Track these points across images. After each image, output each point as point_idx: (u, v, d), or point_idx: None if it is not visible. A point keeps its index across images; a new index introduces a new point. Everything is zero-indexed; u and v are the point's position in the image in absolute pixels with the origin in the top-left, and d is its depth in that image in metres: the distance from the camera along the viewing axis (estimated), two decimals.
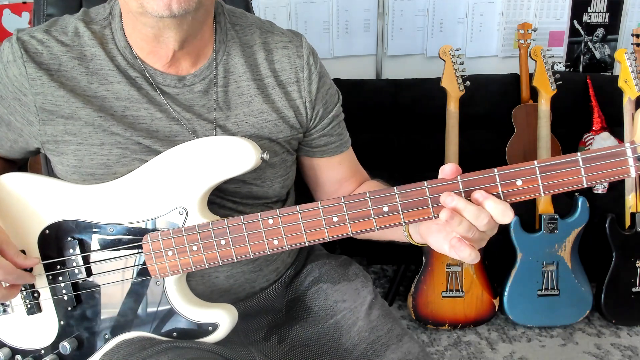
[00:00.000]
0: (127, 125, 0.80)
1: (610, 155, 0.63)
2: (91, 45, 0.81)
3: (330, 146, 0.92)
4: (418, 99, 2.41)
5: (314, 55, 0.89)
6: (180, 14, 0.71)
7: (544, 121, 2.01)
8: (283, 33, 0.89)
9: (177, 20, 0.73)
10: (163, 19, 0.72)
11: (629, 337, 1.99)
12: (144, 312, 0.80)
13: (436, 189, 0.68)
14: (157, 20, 0.73)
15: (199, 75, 0.83)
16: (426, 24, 2.62)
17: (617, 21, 2.75)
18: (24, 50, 0.78)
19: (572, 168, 0.64)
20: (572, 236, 1.92)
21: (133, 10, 0.73)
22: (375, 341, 0.87)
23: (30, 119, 0.81)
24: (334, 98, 0.91)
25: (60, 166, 0.83)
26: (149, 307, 0.80)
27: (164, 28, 0.75)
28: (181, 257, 0.77)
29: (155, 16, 0.71)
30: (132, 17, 0.76)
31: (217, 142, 0.78)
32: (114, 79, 0.80)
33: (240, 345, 0.85)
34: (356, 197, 0.70)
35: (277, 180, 0.88)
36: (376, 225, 0.70)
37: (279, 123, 0.86)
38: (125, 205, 0.79)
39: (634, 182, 1.93)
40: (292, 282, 0.97)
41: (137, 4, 0.71)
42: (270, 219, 0.74)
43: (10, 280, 0.77)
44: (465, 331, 2.03)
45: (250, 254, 0.75)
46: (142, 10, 0.71)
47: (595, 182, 0.64)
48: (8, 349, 0.85)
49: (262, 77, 0.85)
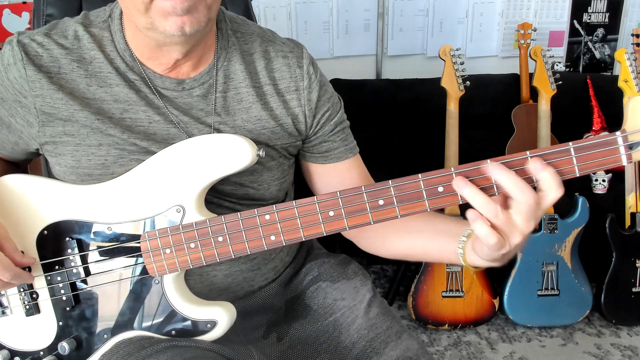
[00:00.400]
0: (125, 128, 0.80)
1: (601, 144, 0.64)
2: (90, 48, 0.81)
3: (334, 152, 0.92)
4: (418, 99, 2.41)
5: (314, 65, 0.89)
6: (192, 34, 0.72)
7: (544, 121, 2.01)
8: (284, 43, 0.89)
9: (186, 37, 0.73)
10: (174, 37, 0.72)
11: (629, 337, 1.99)
12: (142, 311, 0.80)
13: (430, 181, 0.68)
14: (164, 37, 0.73)
15: (198, 80, 0.83)
16: (426, 24, 2.62)
17: (617, 21, 2.75)
18: (24, 53, 0.79)
19: (564, 157, 0.64)
20: (572, 236, 1.92)
21: (140, 26, 0.73)
22: (374, 339, 0.87)
23: (30, 121, 0.81)
24: (336, 106, 0.92)
25: (58, 167, 0.83)
26: (147, 306, 0.80)
27: (170, 43, 0.75)
28: (179, 254, 0.77)
29: (165, 35, 0.71)
30: (135, 26, 0.76)
31: (213, 139, 0.78)
32: (112, 81, 0.81)
33: (239, 343, 0.85)
34: (351, 190, 0.70)
35: (274, 183, 0.89)
36: (372, 219, 0.70)
37: (276, 130, 0.86)
38: (123, 204, 0.79)
39: (634, 182, 1.93)
40: (291, 281, 0.97)
41: (147, 21, 0.71)
42: (267, 215, 0.74)
43: (7, 277, 0.77)
44: (465, 331, 2.03)
45: (248, 250, 0.75)
46: (151, 27, 0.72)
47: (587, 171, 0.64)
48: (7, 351, 0.85)
49: (261, 85, 0.86)
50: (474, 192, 0.65)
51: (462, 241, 0.76)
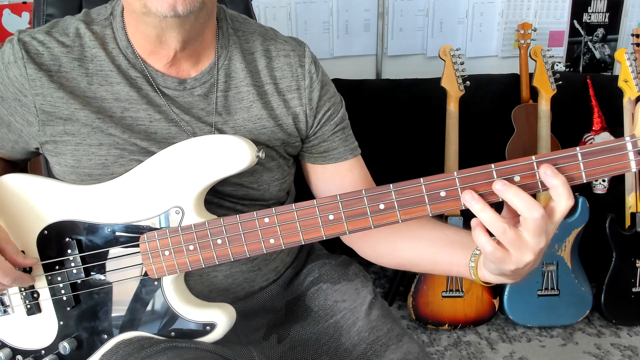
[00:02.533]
0: (125, 127, 0.80)
1: (610, 149, 0.61)
2: (92, 46, 0.81)
3: (333, 152, 0.91)
4: (418, 99, 2.41)
5: (315, 64, 0.89)
6: (185, 14, 0.71)
7: (544, 121, 2.01)
8: (286, 41, 0.89)
9: (180, 20, 0.73)
10: (166, 19, 0.72)
11: (629, 337, 1.99)
12: (142, 311, 0.80)
13: (432, 185, 0.66)
14: (160, 20, 0.73)
15: (199, 79, 0.83)
16: (426, 24, 2.62)
17: (617, 21, 2.75)
18: (24, 51, 0.78)
19: (571, 163, 0.62)
20: (572, 236, 1.92)
21: (136, 10, 0.73)
22: (375, 341, 0.87)
23: (30, 120, 0.81)
24: (337, 106, 0.91)
25: (58, 167, 0.83)
26: (147, 307, 0.80)
27: (166, 28, 0.75)
28: (178, 256, 0.77)
29: (159, 16, 0.71)
30: (135, 16, 0.76)
31: (213, 140, 0.78)
32: (113, 79, 0.80)
33: (239, 344, 0.85)
34: (352, 194, 0.70)
35: (274, 183, 0.88)
36: (372, 223, 0.69)
37: (276, 130, 0.86)
38: (123, 205, 0.79)
39: (634, 182, 1.93)
40: (291, 282, 0.97)
41: (141, 4, 0.71)
42: (266, 218, 0.73)
43: (7, 282, 0.77)
44: (465, 331, 2.03)
45: (247, 253, 0.75)
46: (145, 10, 0.71)
47: (595, 177, 0.62)
48: (9, 349, 0.85)
49: (261, 84, 0.86)
50: (482, 207, 0.63)
51: (475, 254, 0.74)
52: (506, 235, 0.63)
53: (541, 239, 0.63)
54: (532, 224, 0.62)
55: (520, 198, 0.62)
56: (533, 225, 0.62)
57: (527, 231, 0.62)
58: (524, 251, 0.63)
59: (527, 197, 0.62)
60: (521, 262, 0.64)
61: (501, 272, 0.68)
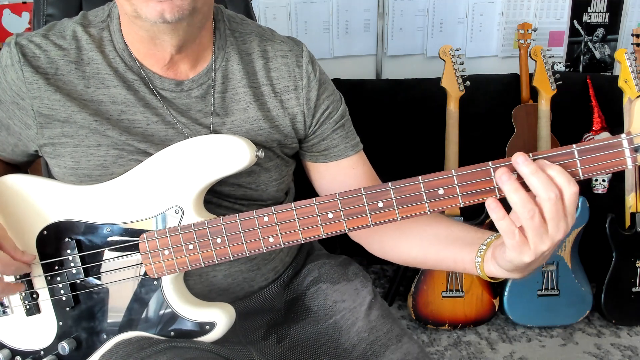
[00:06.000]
0: (123, 130, 0.80)
1: (606, 146, 0.62)
2: (89, 49, 0.81)
3: (333, 150, 0.91)
4: (418, 99, 2.41)
5: (313, 63, 0.89)
6: (174, 21, 0.71)
7: (544, 121, 2.01)
8: (284, 42, 0.89)
9: (171, 26, 0.73)
10: (157, 25, 0.72)
11: (629, 337, 1.99)
12: (141, 311, 0.80)
13: (430, 183, 0.67)
14: (151, 25, 0.73)
15: (197, 81, 0.83)
16: (426, 24, 2.62)
17: (617, 21, 2.75)
18: (21, 54, 0.79)
19: (568, 160, 0.63)
20: (572, 236, 1.92)
21: (128, 13, 0.73)
22: (375, 342, 0.86)
23: (28, 123, 0.81)
24: (336, 104, 0.91)
25: (57, 168, 0.83)
26: (146, 307, 0.80)
27: (159, 33, 0.75)
28: (177, 256, 0.77)
29: (149, 22, 0.71)
30: (128, 19, 0.76)
31: (213, 140, 0.78)
32: (110, 82, 0.80)
33: (239, 344, 0.85)
34: (351, 193, 0.70)
35: (272, 184, 0.88)
36: (371, 222, 0.70)
37: (272, 131, 0.86)
38: (122, 205, 0.79)
39: (634, 182, 1.93)
40: (291, 282, 0.97)
41: (132, 9, 0.71)
42: (265, 217, 0.74)
43: (9, 272, 0.78)
44: (465, 331, 2.03)
45: (246, 252, 0.75)
46: (136, 14, 0.72)
47: (591, 174, 0.63)
48: (8, 350, 0.85)
49: (258, 85, 0.85)
50: (515, 188, 0.62)
51: (481, 249, 0.74)
52: (534, 221, 0.61)
53: (560, 227, 0.62)
54: (549, 205, 0.61)
55: (538, 176, 0.61)
56: (550, 207, 0.61)
57: (546, 213, 0.62)
58: (545, 239, 0.63)
59: (545, 176, 0.61)
60: (538, 250, 0.63)
61: (514, 266, 0.67)
